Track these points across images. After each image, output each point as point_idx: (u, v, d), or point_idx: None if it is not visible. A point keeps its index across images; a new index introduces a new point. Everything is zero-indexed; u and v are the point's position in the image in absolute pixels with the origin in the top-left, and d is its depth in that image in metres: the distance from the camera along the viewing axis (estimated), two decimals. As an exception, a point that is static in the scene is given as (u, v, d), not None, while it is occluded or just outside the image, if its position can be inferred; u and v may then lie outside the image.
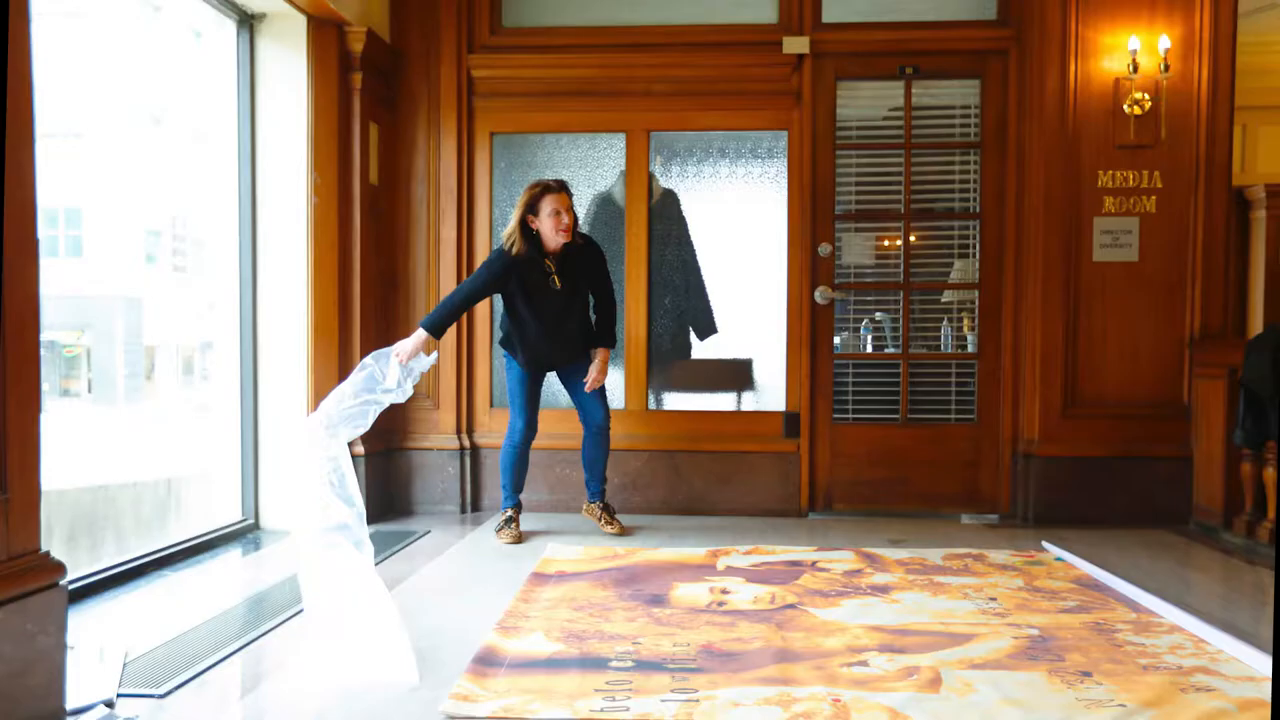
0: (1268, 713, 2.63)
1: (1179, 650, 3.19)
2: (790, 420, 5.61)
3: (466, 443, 5.67)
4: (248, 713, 2.79)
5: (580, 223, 5.21)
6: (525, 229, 4.69)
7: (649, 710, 2.65)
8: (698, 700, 2.71)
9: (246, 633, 3.37)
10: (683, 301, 5.77)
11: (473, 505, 5.68)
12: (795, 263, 5.61)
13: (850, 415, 5.64)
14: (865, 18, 5.61)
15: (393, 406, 3.78)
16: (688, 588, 3.95)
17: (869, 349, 5.74)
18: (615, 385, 5.67)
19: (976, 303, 5.60)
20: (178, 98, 23.59)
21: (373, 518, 4.94)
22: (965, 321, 5.67)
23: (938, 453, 5.58)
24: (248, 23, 5.02)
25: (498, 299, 5.21)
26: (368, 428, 3.47)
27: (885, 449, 5.60)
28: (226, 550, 4.72)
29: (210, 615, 3.57)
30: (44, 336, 2.60)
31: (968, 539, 4.98)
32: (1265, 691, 2.77)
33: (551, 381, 5.19)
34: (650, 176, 5.70)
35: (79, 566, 3.93)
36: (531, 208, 4.69)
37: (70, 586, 3.39)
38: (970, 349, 5.63)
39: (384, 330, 5.51)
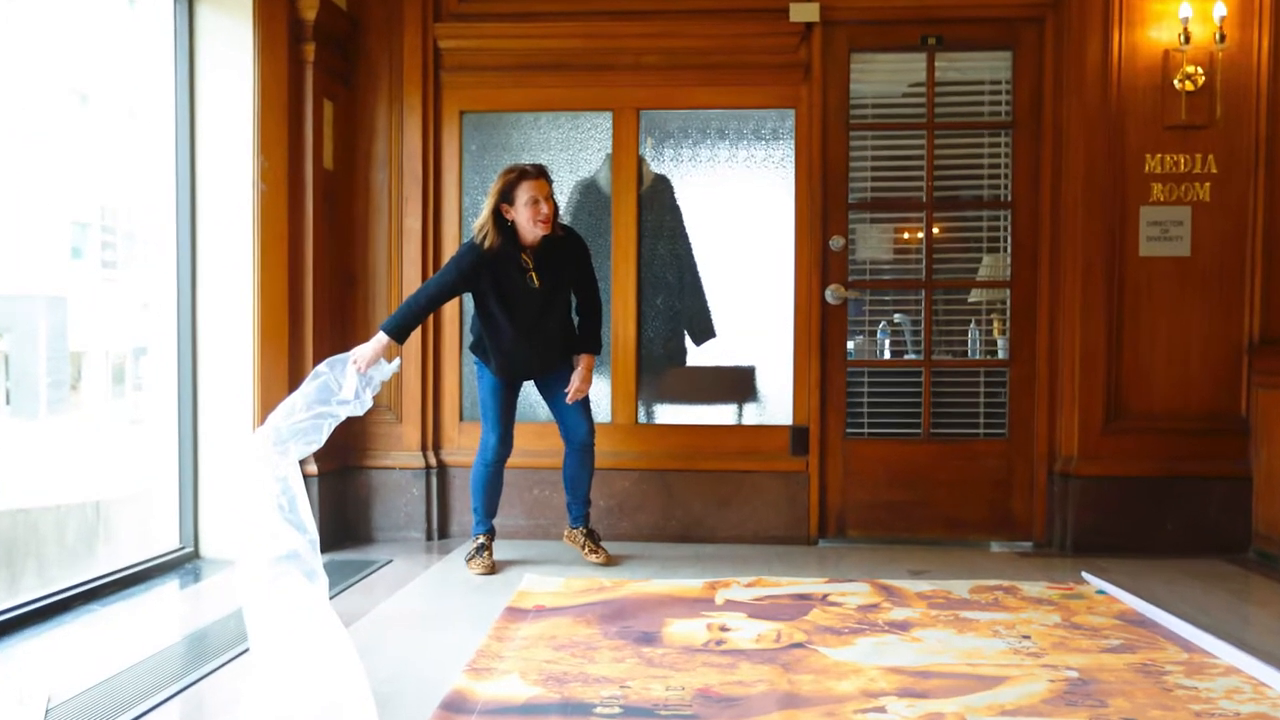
0: (1333, 763, 2.64)
1: (1236, 695, 3.20)
2: (798, 435, 5.63)
3: (433, 461, 5.67)
4: (185, 766, 2.79)
5: (561, 212, 5.22)
6: (499, 220, 4.70)
7: (638, 762, 2.66)
8: (693, 751, 2.72)
9: (185, 675, 3.36)
10: (677, 302, 5.78)
11: (440, 531, 5.68)
12: (804, 258, 5.63)
13: (865, 430, 5.66)
14: (882, -18, 5.65)
15: (349, 420, 3.79)
16: (682, 624, 3.95)
17: (887, 355, 5.76)
18: (601, 396, 5.68)
19: (1008, 303, 5.62)
20: (108, 72, 23.54)
21: (327, 545, 4.96)
22: (995, 324, 5.68)
23: (964, 472, 5.60)
24: (186, -13, 5.03)
25: (468, 299, 5.21)
26: (321, 444, 3.47)
27: (905, 468, 5.62)
28: (163, 582, 4.72)
29: (144, 655, 3.57)
30: (-45, 341, 2.60)
31: (998, 569, 5.00)
32: (1330, 740, 2.79)
33: (529, 392, 5.19)
34: (640, 160, 5.72)
35: (-6, 601, 3.94)
36: (506, 196, 4.69)
37: (-16, 624, 3.40)
38: (1001, 355, 5.66)
39: (340, 333, 5.51)
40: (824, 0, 5.54)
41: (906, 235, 5.75)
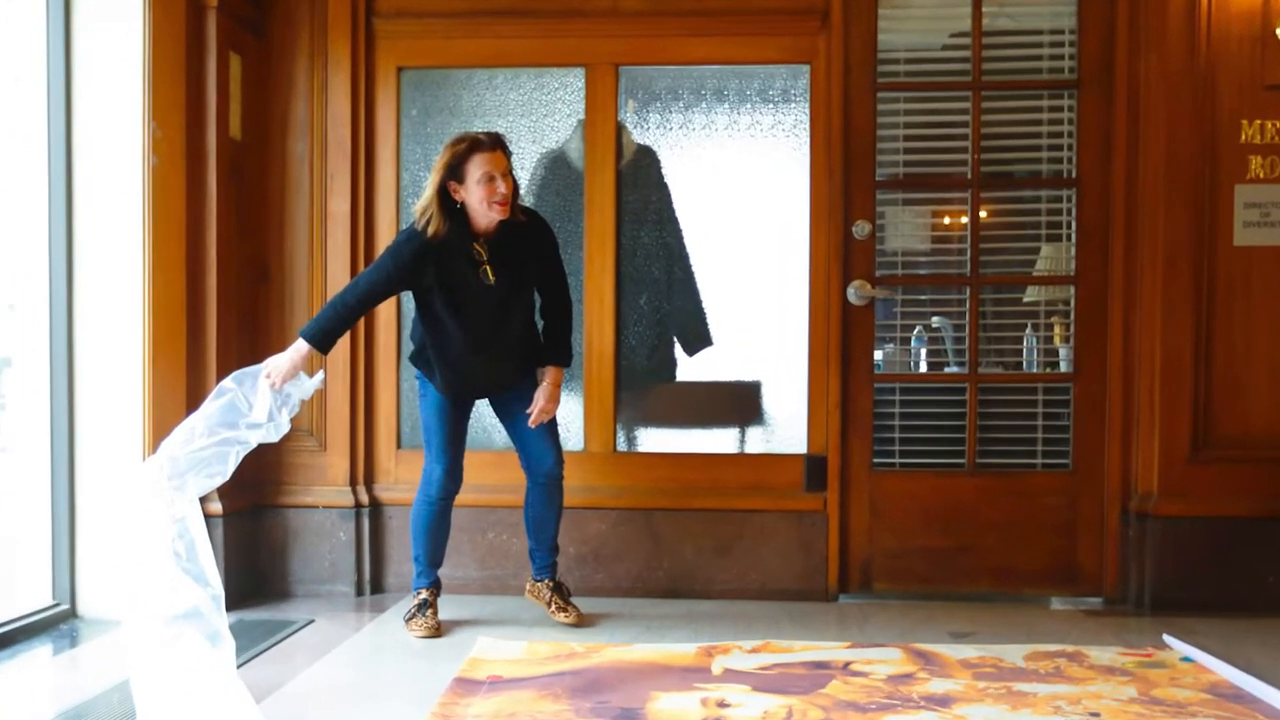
0: None
1: (1344, 782, 3.24)
2: (813, 467, 5.65)
3: (364, 498, 5.69)
4: None
5: (523, 192, 5.25)
6: (446, 201, 4.71)
7: None
8: None
9: (57, 763, 3.39)
10: (665, 302, 5.81)
11: (373, 584, 5.70)
12: (821, 248, 5.65)
13: (897, 460, 5.69)
14: (918, -92, 5.69)
15: (262, 448, 3.81)
16: (672, 699, 3.98)
17: (923, 367, 5.80)
18: (571, 418, 5.71)
19: (1072, 303, 5.65)
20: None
21: (234, 601, 4.97)
22: (1056, 329, 5.71)
23: (1018, 512, 5.61)
24: (60, -86, 5.05)
25: (408, 298, 5.23)
26: (227, 477, 3.50)
27: (945, 507, 5.63)
28: (31, 646, 4.72)
29: (6, 739, 3.59)
30: None
31: (1060, 631, 5.03)
32: None
33: (483, 413, 5.21)
34: (619, 128, 5.74)
35: None
36: (454, 172, 4.69)
37: None
38: (1063, 367, 5.70)
39: (250, 341, 5.54)
40: (846, -68, 5.60)
41: (947, 220, 5.79)
